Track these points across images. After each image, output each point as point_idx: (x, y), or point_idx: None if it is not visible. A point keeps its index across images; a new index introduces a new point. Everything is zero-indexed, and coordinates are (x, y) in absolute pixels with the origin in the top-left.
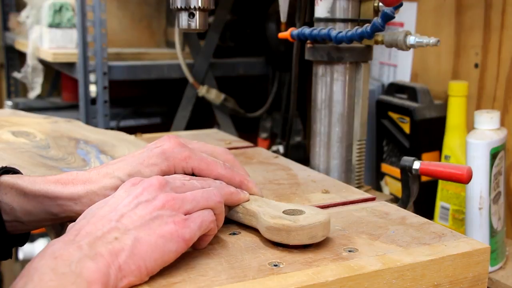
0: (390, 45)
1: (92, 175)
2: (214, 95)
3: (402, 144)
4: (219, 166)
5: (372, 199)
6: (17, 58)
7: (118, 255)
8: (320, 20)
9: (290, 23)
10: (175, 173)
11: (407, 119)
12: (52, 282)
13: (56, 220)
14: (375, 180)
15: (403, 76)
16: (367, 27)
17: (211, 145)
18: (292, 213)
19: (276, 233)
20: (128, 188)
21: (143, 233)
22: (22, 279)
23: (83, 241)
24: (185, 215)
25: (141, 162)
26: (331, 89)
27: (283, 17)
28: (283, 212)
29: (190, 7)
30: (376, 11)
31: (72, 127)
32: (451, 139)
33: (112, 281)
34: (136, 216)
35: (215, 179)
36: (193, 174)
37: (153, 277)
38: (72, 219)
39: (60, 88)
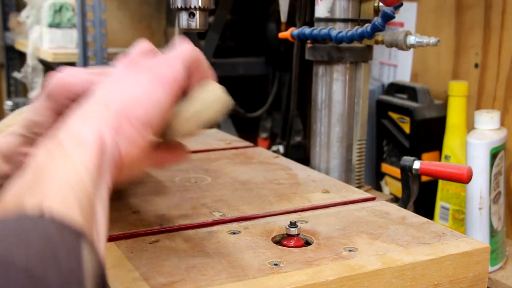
0: (390, 45)
1: None
2: None
3: (402, 144)
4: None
5: (372, 199)
6: (17, 58)
7: (106, 117)
8: (320, 20)
9: (290, 23)
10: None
11: (407, 119)
12: (46, 157)
13: None
14: (375, 180)
15: (403, 76)
16: (367, 27)
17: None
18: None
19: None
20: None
21: (124, 93)
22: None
23: (70, 119)
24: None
25: None
26: (331, 89)
27: (283, 17)
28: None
29: (190, 7)
30: (376, 11)
31: None
32: (451, 139)
33: (109, 140)
34: (119, 75)
35: None
36: None
37: (152, 276)
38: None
39: None
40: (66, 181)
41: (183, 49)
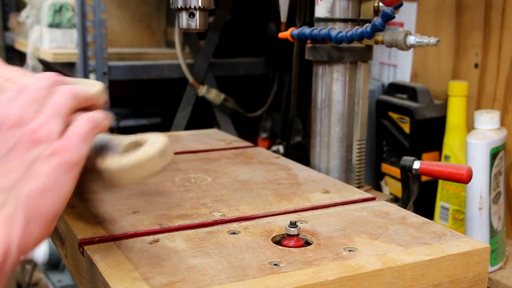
0: (390, 45)
1: None
2: (214, 95)
3: (402, 144)
4: None
5: (372, 199)
6: (17, 58)
7: (15, 221)
8: (320, 20)
9: (290, 23)
10: None
11: (407, 119)
12: None
13: None
14: (375, 180)
15: (403, 76)
16: (367, 27)
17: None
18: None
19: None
20: None
21: (29, 184)
22: None
23: None
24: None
25: None
26: (331, 89)
27: (283, 17)
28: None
29: (190, 7)
30: (376, 11)
31: None
32: (451, 139)
33: (14, 251)
34: (12, 170)
35: None
36: None
37: (152, 276)
38: None
39: None
40: None
41: (81, 125)
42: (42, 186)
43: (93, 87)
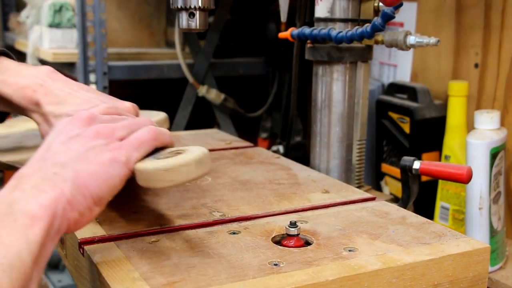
0: (390, 45)
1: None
2: (214, 95)
3: (402, 144)
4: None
5: (372, 199)
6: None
7: (63, 189)
8: (320, 20)
9: (290, 23)
10: None
11: (407, 119)
12: None
13: None
14: (375, 180)
15: (403, 76)
16: (367, 27)
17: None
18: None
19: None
20: (58, 128)
21: (81, 165)
22: None
23: (25, 185)
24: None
25: None
26: (331, 89)
27: (283, 17)
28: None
29: (190, 7)
30: (376, 11)
31: None
32: (451, 139)
33: (60, 216)
34: (71, 150)
35: None
36: None
37: (152, 276)
38: None
39: None
40: (7, 263)
41: (142, 133)
42: (92, 171)
43: (157, 116)
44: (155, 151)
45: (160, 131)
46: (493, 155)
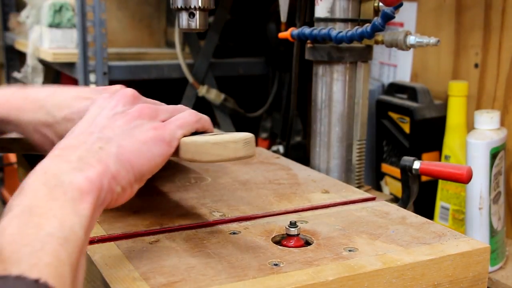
0: (390, 45)
1: None
2: (214, 95)
3: (402, 144)
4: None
5: (372, 199)
6: (17, 58)
7: (107, 163)
8: (320, 20)
9: (290, 23)
10: None
11: (407, 119)
12: (46, 196)
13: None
14: (375, 180)
15: (403, 76)
16: (367, 27)
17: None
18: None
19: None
20: (102, 102)
21: (126, 141)
22: (18, 197)
23: (71, 156)
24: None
25: None
26: (331, 89)
27: (283, 17)
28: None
29: (190, 7)
30: (376, 11)
31: None
32: (451, 139)
33: (105, 189)
34: (115, 126)
35: None
36: None
37: (152, 276)
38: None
39: None
40: (62, 236)
41: (184, 115)
42: (136, 147)
43: None
44: (195, 134)
45: (201, 115)
46: (493, 155)
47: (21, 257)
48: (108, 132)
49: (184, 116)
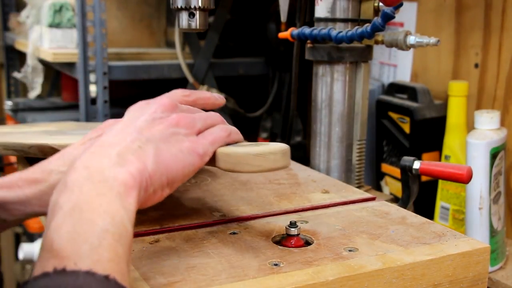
0: (390, 45)
1: (37, 174)
2: None
3: (402, 144)
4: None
5: (372, 199)
6: (17, 58)
7: (146, 162)
8: (320, 20)
9: (290, 23)
10: None
11: (407, 119)
12: (92, 191)
13: (6, 227)
14: (375, 180)
15: (403, 76)
16: (367, 27)
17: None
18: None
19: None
20: (139, 108)
21: (164, 145)
22: (63, 193)
23: (111, 151)
24: (197, 134)
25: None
26: (331, 89)
27: (283, 17)
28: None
29: (190, 7)
30: (376, 11)
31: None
32: (451, 139)
33: (143, 187)
34: (155, 130)
35: None
36: None
37: (152, 276)
38: (24, 221)
39: (60, 88)
40: (117, 232)
41: (217, 130)
42: (173, 152)
43: None
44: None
45: (232, 129)
46: (493, 155)
47: (83, 254)
48: (147, 133)
49: (216, 131)
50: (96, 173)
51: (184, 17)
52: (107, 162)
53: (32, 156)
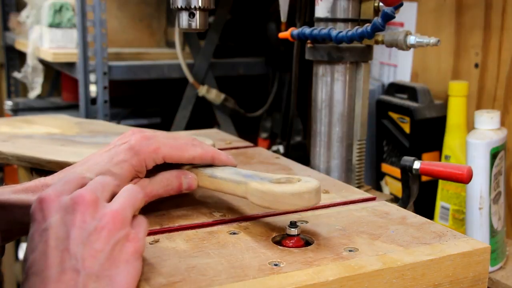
0: (390, 45)
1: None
2: (214, 95)
3: (402, 144)
4: (189, 147)
5: (372, 199)
6: (17, 58)
7: None
8: (320, 20)
9: (290, 23)
10: (145, 167)
11: (407, 119)
12: None
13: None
14: (375, 180)
15: (403, 76)
16: (367, 27)
17: (174, 133)
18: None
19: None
20: (62, 215)
21: (114, 270)
22: None
23: None
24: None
25: (109, 160)
26: (332, 89)
27: (283, 17)
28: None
29: (190, 7)
30: (377, 11)
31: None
32: (451, 139)
33: None
34: (97, 252)
35: (188, 163)
36: (163, 164)
37: (152, 277)
38: None
39: (60, 88)
40: None
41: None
42: (125, 274)
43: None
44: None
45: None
46: (493, 155)
47: None
48: (93, 264)
49: (143, 221)
50: None
51: (184, 17)
52: None
53: (47, 169)
